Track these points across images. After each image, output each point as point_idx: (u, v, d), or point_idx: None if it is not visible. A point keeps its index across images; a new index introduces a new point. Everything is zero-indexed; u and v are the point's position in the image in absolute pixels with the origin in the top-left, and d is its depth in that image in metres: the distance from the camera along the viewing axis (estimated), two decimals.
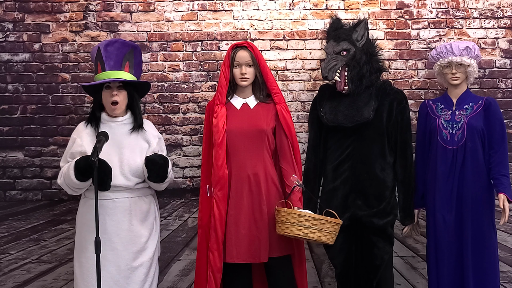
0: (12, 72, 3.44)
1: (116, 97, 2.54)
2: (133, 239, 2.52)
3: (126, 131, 2.59)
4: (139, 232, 2.54)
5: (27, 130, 3.43)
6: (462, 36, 3.48)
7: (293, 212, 2.54)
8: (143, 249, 2.55)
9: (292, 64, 3.48)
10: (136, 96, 2.65)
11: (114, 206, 2.49)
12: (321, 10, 3.48)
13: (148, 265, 2.56)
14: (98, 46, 2.61)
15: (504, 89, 3.50)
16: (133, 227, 2.53)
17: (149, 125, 2.72)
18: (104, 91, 2.56)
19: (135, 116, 2.63)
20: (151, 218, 2.62)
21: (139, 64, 2.73)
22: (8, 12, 3.44)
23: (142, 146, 2.59)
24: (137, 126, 2.62)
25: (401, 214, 2.95)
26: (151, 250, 2.58)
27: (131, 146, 2.56)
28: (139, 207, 2.57)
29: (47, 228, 3.39)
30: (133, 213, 2.54)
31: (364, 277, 2.88)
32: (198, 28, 3.47)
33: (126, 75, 2.57)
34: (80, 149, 2.51)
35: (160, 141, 2.70)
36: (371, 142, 2.88)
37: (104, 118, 2.61)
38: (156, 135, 2.69)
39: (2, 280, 3.29)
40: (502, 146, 2.86)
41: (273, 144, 2.78)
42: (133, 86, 2.63)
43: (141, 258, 2.53)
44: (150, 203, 2.65)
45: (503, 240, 3.38)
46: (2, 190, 3.42)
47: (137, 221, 2.54)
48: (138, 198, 2.58)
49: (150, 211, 2.63)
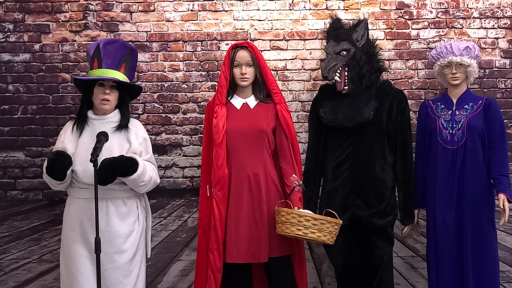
0: (12, 72, 3.44)
1: (108, 96, 2.52)
2: (110, 240, 2.48)
3: (108, 129, 2.54)
4: (116, 233, 2.50)
5: (28, 130, 3.44)
6: (462, 36, 3.48)
7: (293, 212, 2.54)
8: (120, 250, 2.50)
9: (292, 64, 3.48)
10: (127, 99, 2.63)
11: (92, 206, 2.40)
12: (321, 10, 3.48)
13: (127, 267, 2.51)
14: (98, 43, 2.61)
15: (503, 89, 3.50)
16: (110, 228, 2.49)
17: (136, 125, 2.67)
18: (97, 88, 2.54)
19: (123, 116, 2.60)
20: (131, 220, 2.56)
21: (133, 68, 2.73)
22: (9, 12, 3.45)
23: (122, 146, 2.55)
24: (119, 126, 2.57)
25: (401, 214, 2.95)
26: (130, 252, 2.53)
27: (111, 146, 2.51)
28: (118, 208, 2.53)
29: (48, 228, 3.39)
30: (110, 213, 2.50)
31: (364, 277, 2.88)
32: (198, 28, 3.47)
33: (121, 76, 2.57)
34: (61, 145, 2.52)
35: (145, 142, 2.63)
36: (371, 142, 2.88)
37: (89, 115, 2.58)
38: (140, 135, 2.62)
39: (3, 279, 3.30)
40: (502, 146, 2.87)
41: (273, 144, 2.78)
42: (125, 88, 2.62)
43: (118, 260, 2.49)
44: (131, 205, 2.58)
45: (503, 240, 3.38)
46: (3, 190, 3.43)
47: (115, 222, 2.50)
48: (117, 199, 2.53)
49: (131, 212, 2.57)
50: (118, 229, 2.51)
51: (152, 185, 2.61)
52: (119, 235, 2.51)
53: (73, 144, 2.53)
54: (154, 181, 2.60)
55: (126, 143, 2.57)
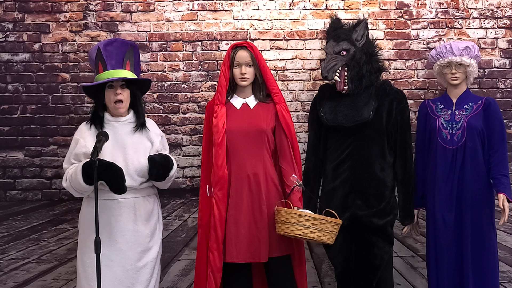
0: (12, 72, 3.44)
1: (120, 96, 2.53)
2: (138, 239, 2.52)
3: (129, 130, 2.58)
4: (143, 232, 2.54)
5: (27, 130, 3.43)
6: (462, 36, 3.48)
7: (293, 212, 2.54)
8: (147, 249, 2.55)
9: (292, 64, 3.49)
10: (138, 95, 2.65)
11: (119, 206, 2.49)
12: (321, 10, 3.49)
13: (153, 265, 2.57)
14: (98, 46, 2.60)
15: (503, 89, 3.50)
16: (137, 227, 2.53)
17: (152, 124, 2.72)
18: (107, 90, 2.55)
19: (138, 115, 2.63)
20: (154, 218, 2.63)
21: (138, 63, 2.73)
22: (8, 12, 3.45)
23: (145, 146, 2.59)
24: (139, 125, 2.61)
25: (401, 214, 2.95)
26: (155, 250, 2.59)
27: (135, 145, 2.56)
28: (144, 207, 2.57)
29: (47, 228, 3.39)
30: (137, 213, 2.54)
31: (364, 277, 2.88)
32: (198, 28, 3.48)
33: (129, 73, 2.57)
34: (84, 150, 2.49)
35: (162, 139, 2.70)
36: (371, 142, 2.88)
37: (107, 118, 2.59)
38: (158, 133, 2.69)
39: (2, 279, 3.29)
40: (502, 146, 2.87)
41: (273, 144, 2.78)
42: (135, 84, 2.63)
43: (145, 258, 2.54)
44: (154, 203, 2.65)
45: (503, 240, 3.38)
46: (2, 190, 3.42)
47: (141, 221, 2.55)
48: (142, 198, 2.57)
49: (154, 211, 2.63)
50: (145, 227, 2.56)
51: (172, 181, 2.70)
52: (146, 234, 2.55)
53: None
54: (174, 175, 2.67)
55: (148, 142, 2.61)
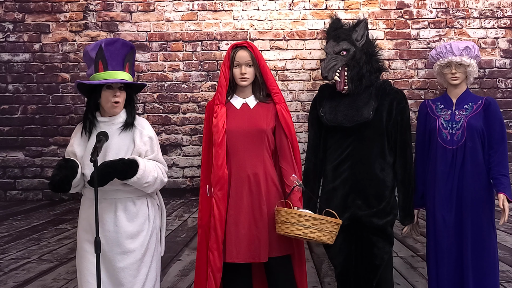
0: (12, 72, 3.45)
1: (118, 98, 2.53)
2: (118, 240, 2.49)
3: (115, 130, 2.54)
4: (124, 234, 2.50)
5: (28, 130, 3.44)
6: (462, 36, 3.48)
7: (293, 212, 2.54)
8: (128, 250, 2.50)
9: (292, 64, 3.49)
10: (133, 98, 2.64)
11: (101, 207, 2.43)
12: (321, 10, 3.49)
13: (135, 267, 2.51)
14: (100, 45, 2.59)
15: (503, 89, 3.50)
16: (118, 229, 2.49)
17: (142, 124, 2.64)
18: (105, 90, 2.54)
19: (129, 115, 2.59)
20: (140, 220, 2.56)
21: (133, 65, 2.74)
22: (9, 12, 3.45)
23: (128, 147, 2.55)
24: (125, 125, 2.56)
25: (401, 214, 2.95)
26: (139, 252, 2.53)
27: (118, 146, 2.52)
28: (126, 209, 2.53)
29: (48, 228, 3.40)
30: (118, 214, 2.51)
31: (364, 277, 2.88)
32: (198, 28, 3.48)
33: (128, 76, 2.57)
34: (71, 149, 2.54)
35: (151, 141, 2.60)
36: (370, 142, 2.88)
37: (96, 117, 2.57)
38: (145, 134, 2.60)
39: (2, 279, 3.29)
40: (502, 146, 2.86)
41: (273, 144, 2.78)
42: (131, 87, 2.63)
43: (127, 259, 2.49)
44: (141, 205, 2.58)
45: (503, 240, 3.38)
46: (3, 190, 3.43)
47: (123, 222, 2.51)
48: (126, 199, 2.54)
49: (141, 212, 2.56)
50: (126, 229, 2.51)
51: (159, 185, 2.59)
52: (127, 235, 2.51)
53: (82, 148, 2.53)
54: (161, 180, 2.58)
55: (132, 143, 2.56)
